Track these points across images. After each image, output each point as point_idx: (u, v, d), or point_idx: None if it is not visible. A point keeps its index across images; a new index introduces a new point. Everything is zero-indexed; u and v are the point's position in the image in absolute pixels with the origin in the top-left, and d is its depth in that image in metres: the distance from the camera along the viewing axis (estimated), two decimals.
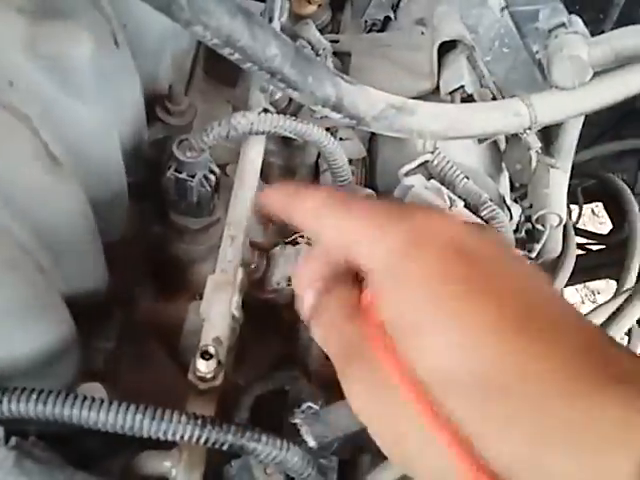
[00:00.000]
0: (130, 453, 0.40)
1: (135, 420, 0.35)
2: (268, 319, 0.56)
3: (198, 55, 0.71)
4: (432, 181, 0.55)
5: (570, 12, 0.58)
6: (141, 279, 0.57)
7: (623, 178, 0.96)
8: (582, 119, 0.67)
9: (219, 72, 0.71)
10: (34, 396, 0.34)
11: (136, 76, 0.50)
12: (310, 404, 0.42)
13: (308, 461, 0.39)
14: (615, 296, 0.62)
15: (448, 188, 0.55)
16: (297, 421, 0.41)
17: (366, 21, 0.77)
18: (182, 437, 0.35)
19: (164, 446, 0.40)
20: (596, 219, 2.07)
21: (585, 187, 1.12)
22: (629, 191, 0.89)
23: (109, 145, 0.46)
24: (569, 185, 0.70)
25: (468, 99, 0.61)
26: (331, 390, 0.47)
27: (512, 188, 0.73)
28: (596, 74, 0.55)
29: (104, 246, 0.46)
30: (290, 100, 0.64)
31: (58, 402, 0.34)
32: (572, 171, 0.70)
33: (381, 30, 0.78)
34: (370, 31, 0.77)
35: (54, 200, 0.38)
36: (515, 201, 0.73)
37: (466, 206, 0.57)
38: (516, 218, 0.72)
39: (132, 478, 0.39)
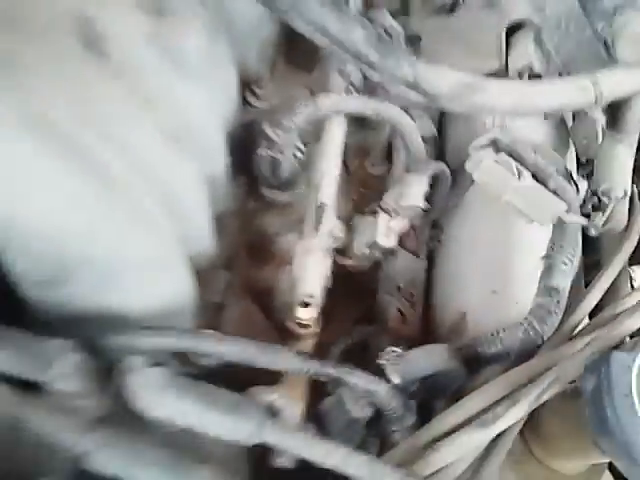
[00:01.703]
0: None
1: (248, 352, 0.42)
2: (350, 283, 0.62)
3: (279, 43, 0.78)
4: (501, 154, 0.59)
5: None
6: (237, 247, 0.64)
7: None
8: None
9: (297, 59, 0.77)
10: (171, 331, 0.41)
11: (233, 64, 0.57)
12: (393, 348, 0.48)
13: (393, 395, 0.45)
14: None
15: (517, 162, 0.59)
16: (383, 362, 0.47)
17: (435, 3, 0.81)
18: (289, 368, 0.42)
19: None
20: None
21: None
22: None
23: (215, 125, 0.53)
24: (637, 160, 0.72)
25: (536, 77, 0.65)
26: (405, 344, 0.52)
27: (579, 165, 0.76)
28: None
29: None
30: (365, 81, 0.69)
31: (188, 336, 0.41)
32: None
33: (450, 11, 0.82)
34: (439, 13, 0.81)
35: (179, 174, 0.45)
36: (583, 177, 0.76)
37: (534, 178, 0.61)
38: (582, 192, 0.75)
39: None
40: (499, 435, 0.47)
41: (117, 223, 0.40)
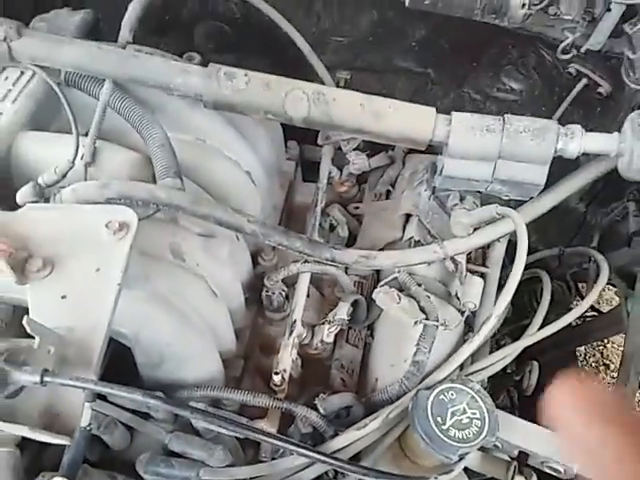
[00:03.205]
0: None
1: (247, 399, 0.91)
2: (314, 363, 1.10)
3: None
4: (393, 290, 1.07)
5: None
6: (252, 346, 1.14)
7: None
8: (506, 241, 1.17)
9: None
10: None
11: (248, 249, 1.10)
12: (322, 395, 0.95)
13: (320, 419, 0.92)
14: None
15: (401, 292, 1.07)
16: (316, 402, 0.94)
17: (375, 194, 1.34)
18: (272, 406, 0.90)
19: None
20: None
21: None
22: None
23: (236, 285, 1.05)
24: None
25: (417, 243, 1.14)
26: None
27: None
28: None
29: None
30: None
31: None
32: None
33: (387, 198, 1.34)
34: (379, 199, 1.34)
35: (217, 312, 0.97)
36: None
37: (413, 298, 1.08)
38: None
39: None
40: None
41: (188, 339, 0.91)
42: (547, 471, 0.93)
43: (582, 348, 2.88)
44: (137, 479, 0.87)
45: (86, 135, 0.89)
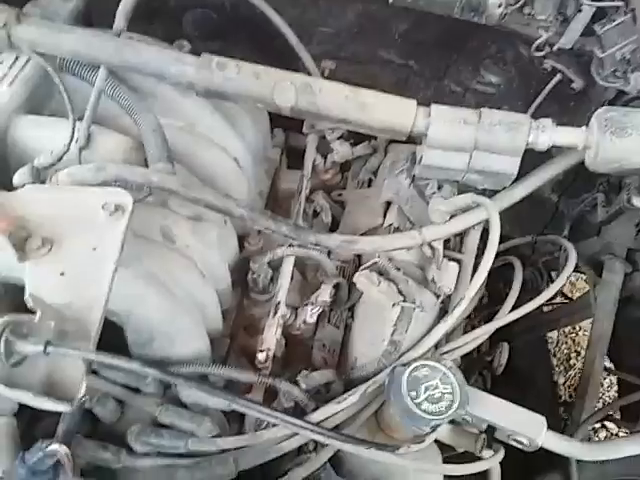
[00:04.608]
0: None
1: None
2: (295, 345, 1.16)
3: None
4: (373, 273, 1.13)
5: None
6: (238, 327, 1.19)
7: None
8: (480, 229, 1.23)
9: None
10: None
11: (235, 235, 1.14)
12: (305, 371, 1.00)
13: (303, 394, 0.97)
14: None
15: (381, 276, 1.13)
16: (298, 378, 0.99)
17: (357, 181, 1.39)
18: (257, 381, 0.95)
19: None
20: None
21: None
22: None
23: (224, 267, 1.09)
24: None
25: (397, 230, 1.19)
26: None
27: None
28: None
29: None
30: None
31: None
32: None
33: (369, 186, 1.39)
34: (361, 187, 1.38)
35: (205, 292, 1.01)
36: None
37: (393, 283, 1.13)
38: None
39: None
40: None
41: (178, 317, 0.95)
42: (513, 444, 1.00)
43: (555, 335, 2.98)
44: (128, 450, 0.92)
45: (80, 119, 0.92)
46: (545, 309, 1.95)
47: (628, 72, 0.96)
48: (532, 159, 1.06)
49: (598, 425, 1.98)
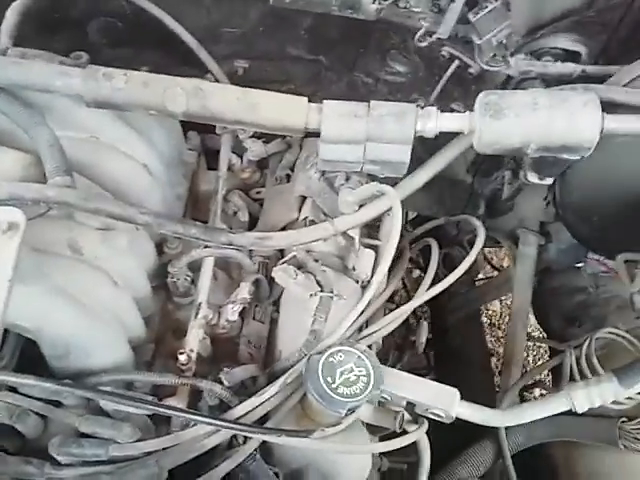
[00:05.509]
0: None
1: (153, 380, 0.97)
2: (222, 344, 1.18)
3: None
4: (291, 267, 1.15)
5: None
6: (164, 331, 1.20)
7: None
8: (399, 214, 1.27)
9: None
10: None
11: (151, 240, 1.15)
12: (226, 369, 1.02)
13: (225, 391, 1.00)
14: None
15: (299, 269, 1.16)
16: (220, 375, 1.02)
17: (276, 178, 1.41)
18: (180, 383, 0.97)
19: None
20: None
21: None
22: None
23: (141, 273, 1.10)
24: None
25: (312, 222, 1.22)
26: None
27: None
28: None
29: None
30: None
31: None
32: None
33: (287, 181, 1.41)
34: (280, 183, 1.41)
35: (121, 301, 1.02)
36: None
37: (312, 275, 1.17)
38: None
39: None
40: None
41: (91, 329, 0.96)
42: (431, 417, 1.05)
43: (498, 308, 3.10)
44: (51, 462, 0.93)
45: None
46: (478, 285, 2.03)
47: (507, 56, 1.01)
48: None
49: (538, 393, 2.07)
